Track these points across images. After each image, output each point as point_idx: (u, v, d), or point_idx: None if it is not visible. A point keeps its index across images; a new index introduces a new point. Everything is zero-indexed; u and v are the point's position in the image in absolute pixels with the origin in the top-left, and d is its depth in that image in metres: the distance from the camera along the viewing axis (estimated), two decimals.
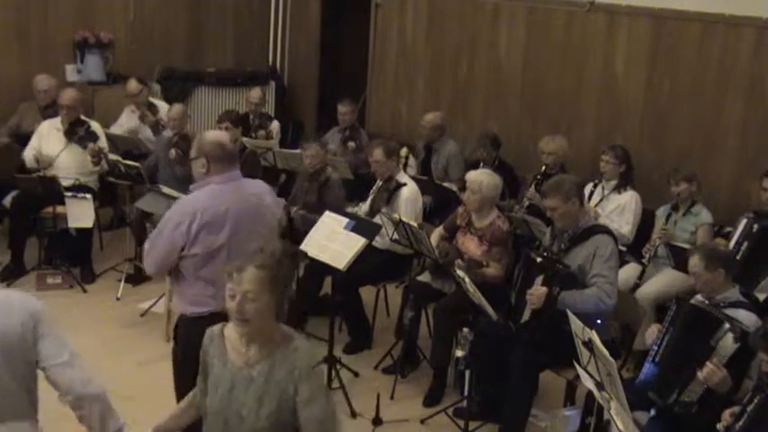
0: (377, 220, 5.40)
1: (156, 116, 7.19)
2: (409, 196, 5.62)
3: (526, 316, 4.43)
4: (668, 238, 5.40)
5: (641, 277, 5.44)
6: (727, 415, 3.44)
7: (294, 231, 5.60)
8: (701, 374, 3.63)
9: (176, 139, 6.62)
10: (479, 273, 4.95)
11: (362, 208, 5.79)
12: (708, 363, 3.62)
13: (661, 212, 5.65)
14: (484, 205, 5.12)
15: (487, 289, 4.71)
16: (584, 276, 4.40)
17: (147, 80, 7.72)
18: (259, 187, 3.89)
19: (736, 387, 3.65)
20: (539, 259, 4.44)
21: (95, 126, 6.65)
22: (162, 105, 7.47)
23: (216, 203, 3.61)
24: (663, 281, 5.31)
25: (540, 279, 4.34)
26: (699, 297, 4.08)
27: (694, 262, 4.03)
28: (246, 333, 2.73)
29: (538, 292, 4.30)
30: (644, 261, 5.46)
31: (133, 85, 7.32)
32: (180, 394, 3.62)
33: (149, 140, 7.16)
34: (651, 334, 4.06)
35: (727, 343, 3.65)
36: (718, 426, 3.45)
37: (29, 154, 6.50)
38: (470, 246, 5.12)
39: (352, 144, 7.33)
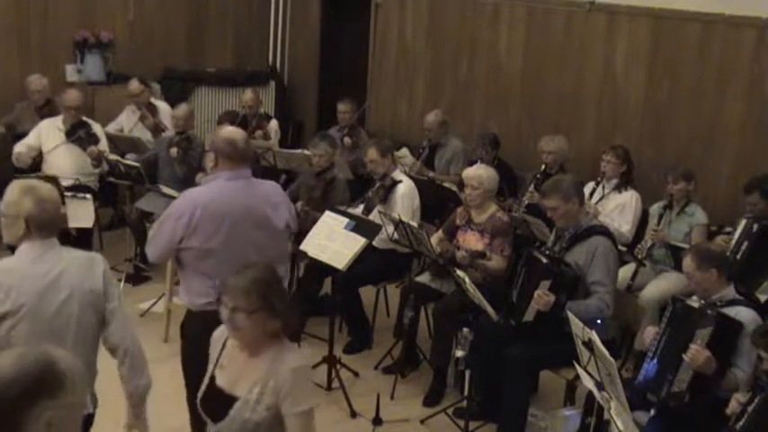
0: (374, 217, 5.40)
1: (155, 118, 7.18)
2: (405, 192, 5.63)
3: (529, 316, 4.44)
4: (661, 238, 5.39)
5: (634, 278, 5.44)
6: (734, 402, 3.46)
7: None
8: (685, 357, 3.69)
9: (178, 138, 6.62)
10: (481, 264, 4.95)
11: (358, 208, 5.79)
12: (690, 345, 3.69)
13: (654, 210, 5.64)
14: (485, 200, 5.15)
15: (487, 289, 4.71)
16: (583, 275, 4.43)
17: (148, 80, 7.72)
18: (270, 190, 3.89)
19: (722, 372, 3.69)
20: (544, 260, 4.43)
21: (97, 128, 6.64)
22: (163, 107, 7.46)
23: (219, 199, 3.65)
24: (666, 283, 5.29)
25: (547, 284, 4.34)
26: (695, 297, 4.08)
27: (687, 263, 4.03)
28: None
29: (546, 298, 4.30)
30: (644, 262, 5.46)
31: (134, 85, 7.32)
32: (190, 392, 3.63)
33: (149, 141, 7.15)
34: (648, 336, 4.08)
35: (704, 326, 3.73)
36: (727, 410, 3.47)
37: (20, 149, 6.48)
38: (471, 241, 5.13)
39: (348, 140, 7.31)
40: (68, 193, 6.15)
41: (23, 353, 1.83)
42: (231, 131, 3.85)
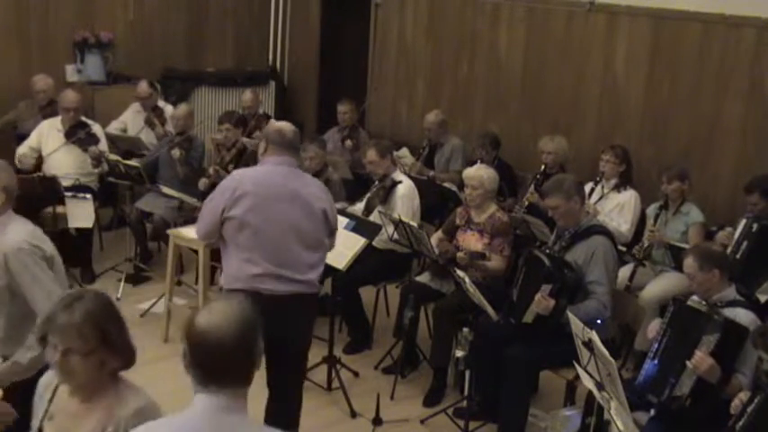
0: (374, 218, 5.40)
1: (164, 126, 7.19)
2: (405, 193, 5.63)
3: (529, 318, 4.44)
4: (658, 239, 5.39)
5: (632, 278, 5.44)
6: (737, 402, 3.46)
7: None
8: (689, 363, 3.67)
9: (179, 139, 6.61)
10: (481, 265, 4.95)
11: (357, 206, 5.79)
12: (696, 351, 3.67)
13: (650, 211, 5.65)
14: (485, 200, 5.16)
15: (487, 288, 4.71)
16: (583, 275, 4.42)
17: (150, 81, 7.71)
18: (312, 182, 4.11)
19: (726, 379, 3.68)
20: (546, 262, 4.41)
21: (97, 128, 6.63)
22: (169, 110, 7.46)
23: (263, 178, 3.91)
24: (666, 283, 5.29)
25: (548, 288, 4.33)
26: (695, 297, 4.08)
27: (688, 263, 4.01)
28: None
29: (546, 302, 4.30)
30: (644, 262, 5.46)
31: (143, 87, 7.33)
32: None
33: (152, 144, 7.15)
34: (653, 328, 4.07)
35: (711, 332, 3.71)
36: (731, 409, 3.47)
37: (23, 150, 6.49)
38: (471, 241, 5.13)
39: (349, 142, 7.33)
40: (68, 193, 6.16)
41: (229, 308, 2.09)
42: (283, 124, 4.14)
